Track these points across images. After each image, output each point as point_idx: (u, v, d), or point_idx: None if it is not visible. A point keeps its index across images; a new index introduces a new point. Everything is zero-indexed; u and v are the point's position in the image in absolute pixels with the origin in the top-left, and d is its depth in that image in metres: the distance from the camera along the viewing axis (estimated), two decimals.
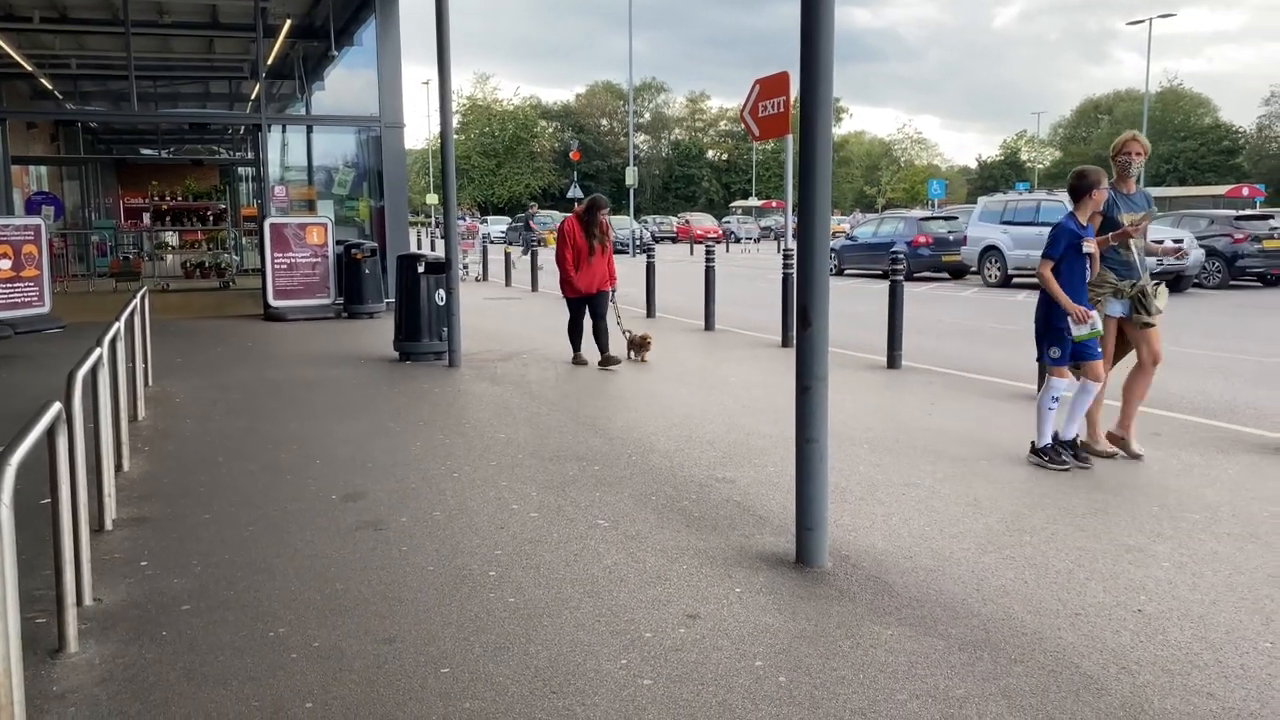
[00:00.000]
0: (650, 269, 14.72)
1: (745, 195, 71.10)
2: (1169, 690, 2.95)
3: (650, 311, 14.22)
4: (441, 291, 9.81)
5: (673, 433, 6.53)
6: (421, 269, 9.87)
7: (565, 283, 9.48)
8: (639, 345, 9.82)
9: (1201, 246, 18.96)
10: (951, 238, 22.53)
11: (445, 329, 9.68)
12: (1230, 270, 19.52)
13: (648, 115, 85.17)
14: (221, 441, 6.43)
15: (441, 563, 4.09)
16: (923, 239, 22.60)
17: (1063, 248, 5.45)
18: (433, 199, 57.65)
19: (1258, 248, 19.29)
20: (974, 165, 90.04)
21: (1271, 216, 21.08)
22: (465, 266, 22.51)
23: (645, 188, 76.49)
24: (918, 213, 28.00)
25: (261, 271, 13.99)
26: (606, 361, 9.38)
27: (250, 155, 24.26)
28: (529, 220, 34.96)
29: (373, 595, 3.75)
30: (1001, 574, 3.91)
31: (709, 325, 12.56)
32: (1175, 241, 18.29)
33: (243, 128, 23.13)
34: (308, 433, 6.65)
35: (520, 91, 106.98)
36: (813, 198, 3.94)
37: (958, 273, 22.67)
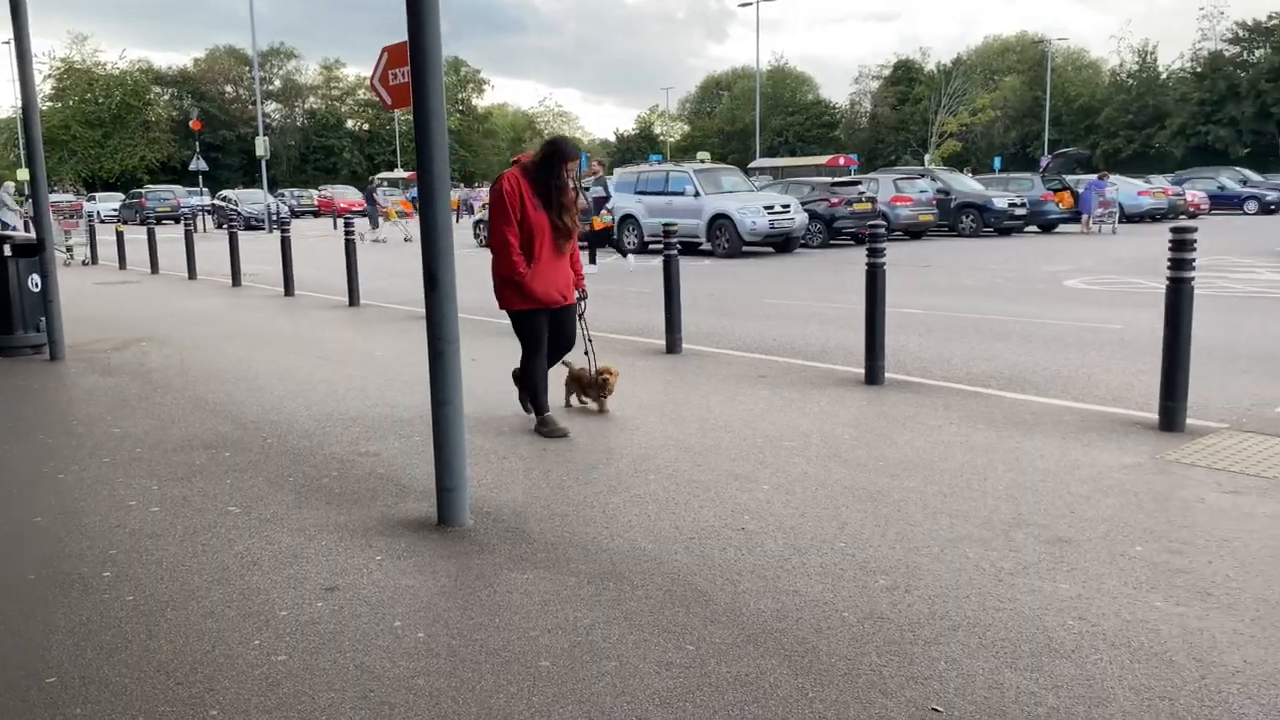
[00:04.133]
0: (285, 244, 14.00)
1: (391, 166, 69.31)
2: (764, 593, 3.38)
3: (289, 290, 13.56)
4: (36, 276, 8.73)
5: (313, 411, 6.33)
6: (8, 252, 8.72)
7: (508, 284, 5.58)
8: (599, 385, 6.10)
9: (805, 211, 21.19)
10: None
11: (43, 318, 8.64)
12: (830, 231, 22.01)
13: (278, 82, 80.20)
14: None
15: (46, 569, 3.72)
16: None
17: None
18: (25, 174, 50.59)
19: (850, 210, 21.89)
20: (613, 138, 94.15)
21: (860, 183, 24.02)
22: (69, 249, 20.15)
23: (280, 159, 72.24)
24: None
25: None
26: (549, 430, 5.64)
27: None
28: (372, 193, 32.04)
29: None
30: (629, 511, 4.24)
31: (353, 300, 12.22)
32: (784, 206, 20.46)
33: None
34: None
35: (127, 54, 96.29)
36: (430, 163, 3.98)
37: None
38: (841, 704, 2.64)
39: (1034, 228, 26.13)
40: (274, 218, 35.07)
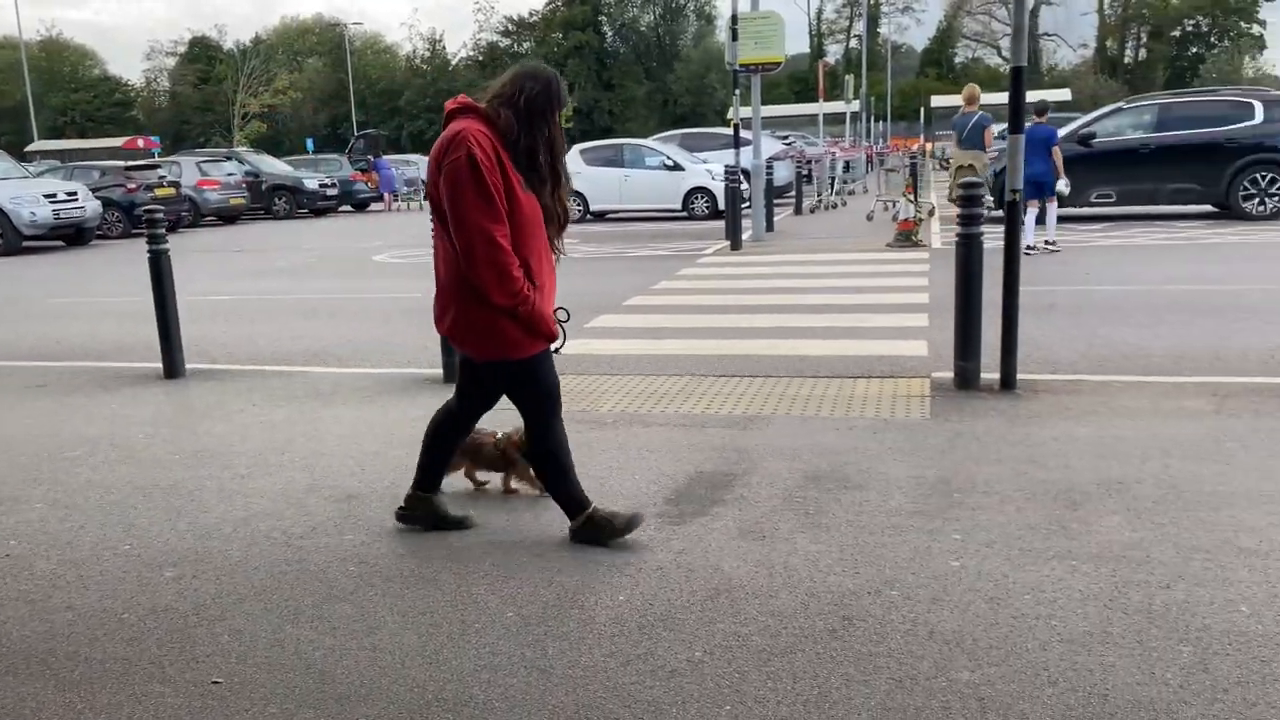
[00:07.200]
0: None
1: None
2: (31, 618, 3.08)
3: None
4: None
5: None
6: None
7: (507, 318, 3.20)
8: (507, 456, 4.03)
9: (99, 198, 19.17)
10: None
11: None
12: (130, 219, 20.22)
13: None
14: None
15: None
16: None
17: None
18: None
19: (151, 196, 20.34)
20: None
21: (159, 166, 22.43)
22: None
23: None
24: None
25: None
26: (617, 525, 3.49)
27: None
28: None
29: None
30: None
31: None
32: (70, 194, 18.24)
33: None
34: None
35: None
36: None
37: None
38: (114, 705, 2.55)
39: (348, 207, 27.00)
40: None
